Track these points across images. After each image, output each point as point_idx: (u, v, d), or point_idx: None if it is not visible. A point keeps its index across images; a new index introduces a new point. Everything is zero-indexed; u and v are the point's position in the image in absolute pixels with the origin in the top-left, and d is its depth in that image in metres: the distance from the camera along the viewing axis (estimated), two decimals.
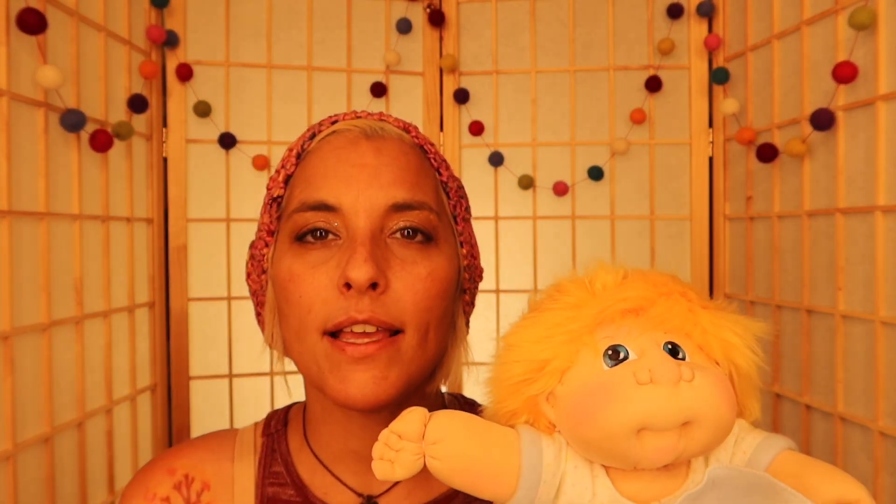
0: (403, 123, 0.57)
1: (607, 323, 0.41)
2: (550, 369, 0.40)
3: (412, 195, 0.52)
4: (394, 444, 0.40)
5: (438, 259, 0.53)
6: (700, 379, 0.37)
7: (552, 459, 0.40)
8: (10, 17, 0.88)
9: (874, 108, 0.97)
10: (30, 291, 0.93)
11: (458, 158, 1.47)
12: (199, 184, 1.35)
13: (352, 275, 0.47)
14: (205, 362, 1.35)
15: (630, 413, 0.36)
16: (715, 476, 0.36)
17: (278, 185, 0.55)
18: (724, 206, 1.38)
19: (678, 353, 0.39)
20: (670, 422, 0.36)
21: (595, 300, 0.42)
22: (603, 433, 0.37)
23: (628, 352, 0.39)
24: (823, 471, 0.37)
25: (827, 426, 1.08)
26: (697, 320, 0.41)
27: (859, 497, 0.36)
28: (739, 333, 0.41)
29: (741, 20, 1.30)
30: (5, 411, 0.86)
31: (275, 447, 0.59)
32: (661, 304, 0.41)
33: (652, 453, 0.37)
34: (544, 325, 0.41)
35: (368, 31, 1.43)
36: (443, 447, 0.39)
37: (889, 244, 0.95)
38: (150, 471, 0.58)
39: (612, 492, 0.39)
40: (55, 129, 0.98)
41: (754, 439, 0.40)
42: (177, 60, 1.31)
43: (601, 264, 0.44)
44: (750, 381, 0.42)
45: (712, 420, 0.37)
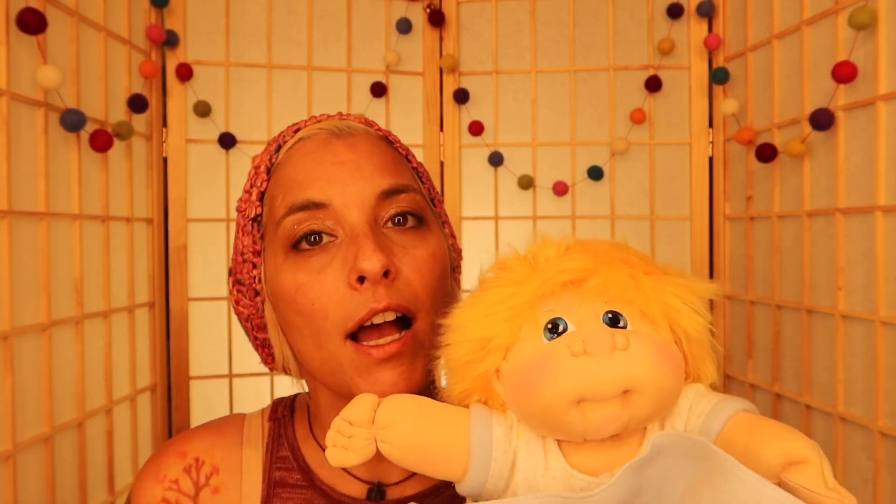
0: (364, 119, 0.58)
1: (548, 297, 0.41)
2: (494, 346, 0.40)
3: (396, 181, 0.53)
4: (345, 430, 0.41)
5: (433, 240, 0.54)
6: (636, 346, 0.36)
7: (503, 436, 0.40)
8: (10, 17, 0.88)
9: (874, 108, 0.97)
10: (30, 291, 0.93)
11: (458, 158, 1.47)
12: (199, 184, 1.35)
13: (364, 266, 0.47)
14: (205, 362, 1.35)
15: (565, 385, 0.36)
16: (659, 443, 0.36)
17: (253, 203, 0.55)
18: (724, 206, 1.38)
19: (619, 322, 0.39)
20: (607, 391, 0.36)
21: (536, 275, 0.41)
22: (543, 406, 0.37)
23: (567, 324, 0.39)
24: (771, 431, 0.36)
25: (827, 426, 1.08)
26: (639, 286, 0.40)
27: (806, 456, 0.34)
28: (683, 296, 0.41)
29: (741, 20, 1.30)
30: (5, 411, 0.86)
31: (281, 432, 0.59)
32: (602, 273, 0.40)
33: (596, 424, 0.37)
34: (487, 303, 0.41)
35: (368, 31, 1.43)
36: (392, 431, 0.40)
37: (889, 244, 0.95)
38: (163, 454, 0.58)
39: (564, 465, 0.39)
40: (55, 129, 0.98)
41: (708, 403, 0.39)
42: (177, 60, 1.31)
43: (545, 239, 0.44)
44: (701, 345, 0.41)
45: (652, 387, 0.36)
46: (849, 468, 1.03)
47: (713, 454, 0.35)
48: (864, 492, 1.00)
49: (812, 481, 0.33)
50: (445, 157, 1.46)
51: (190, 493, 0.56)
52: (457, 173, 1.47)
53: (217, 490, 0.56)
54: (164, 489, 0.56)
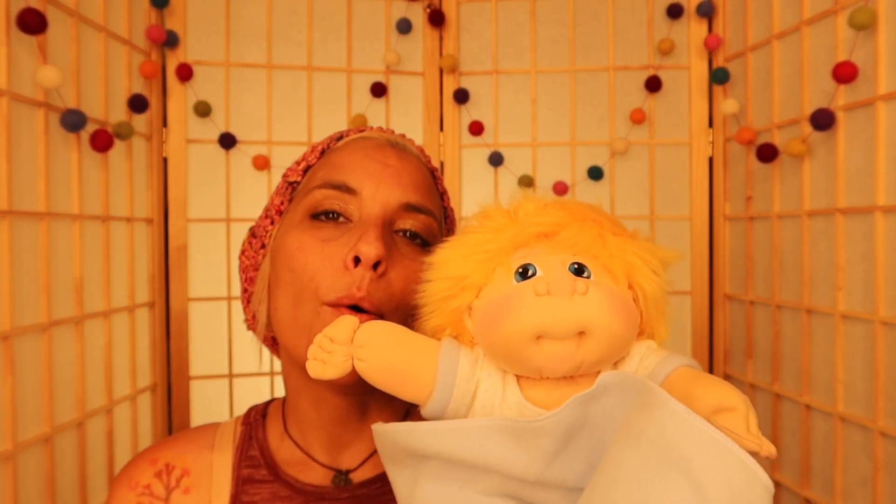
0: (419, 148, 0.63)
1: (523, 245, 0.44)
2: (468, 284, 0.44)
3: (424, 200, 0.57)
4: (326, 346, 0.45)
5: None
6: (594, 293, 0.40)
7: (468, 368, 0.44)
8: (10, 17, 0.88)
9: (874, 108, 0.97)
10: (30, 291, 0.93)
11: (458, 158, 1.47)
12: (199, 184, 1.35)
13: (363, 249, 0.51)
14: (205, 362, 1.35)
15: (526, 320, 0.40)
16: (605, 382, 0.39)
17: (297, 172, 0.60)
18: (724, 206, 1.38)
19: (583, 273, 0.42)
20: (564, 330, 0.39)
21: (514, 225, 0.45)
22: (505, 338, 0.41)
23: (536, 269, 0.42)
24: (708, 382, 0.39)
25: (827, 426, 1.08)
26: (605, 244, 0.44)
27: (735, 405, 0.37)
28: (643, 257, 0.44)
29: (741, 20, 1.30)
30: (5, 411, 0.86)
31: (252, 434, 0.63)
32: (573, 228, 0.44)
33: (551, 359, 0.40)
34: (467, 245, 0.45)
35: (368, 31, 1.43)
36: (368, 350, 0.44)
37: (889, 244, 0.95)
38: (135, 463, 0.62)
39: (519, 397, 0.43)
40: (55, 129, 0.99)
41: (656, 357, 0.43)
42: (177, 60, 1.31)
43: (526, 194, 0.48)
44: (656, 304, 0.45)
45: (605, 331, 0.40)
46: (848, 468, 1.03)
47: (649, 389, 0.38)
48: (864, 492, 1.00)
49: (736, 425, 0.36)
50: (445, 157, 1.46)
51: (161, 496, 0.59)
52: (457, 173, 1.47)
53: (188, 490, 0.60)
54: (138, 495, 0.60)
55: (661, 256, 0.45)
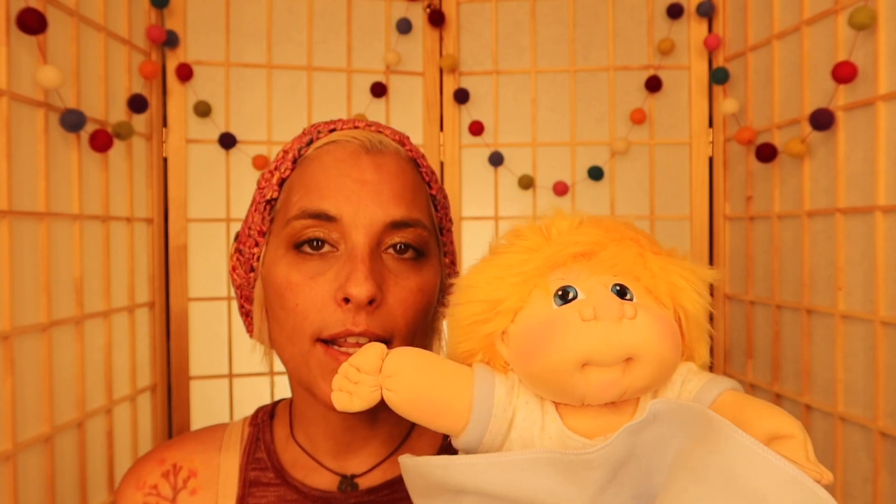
0: (399, 136, 0.59)
1: (560, 266, 0.42)
2: (503, 308, 0.42)
3: (409, 213, 0.54)
4: (352, 376, 0.42)
5: (427, 273, 0.56)
6: (643, 317, 0.38)
7: (504, 395, 0.41)
8: (10, 17, 0.88)
9: (874, 108, 0.97)
10: (30, 291, 0.93)
11: (458, 158, 1.47)
12: (199, 184, 1.35)
13: (353, 291, 0.49)
14: (205, 362, 1.35)
15: (573, 347, 0.37)
16: (656, 410, 0.37)
17: (272, 186, 0.56)
18: (724, 206, 1.38)
19: (626, 294, 0.40)
20: (612, 356, 0.37)
21: (549, 244, 0.43)
22: (549, 366, 0.38)
23: (577, 292, 0.40)
24: (761, 407, 0.38)
25: (827, 426, 1.08)
26: (646, 264, 0.42)
27: (793, 432, 0.36)
28: (687, 277, 0.42)
29: (741, 20, 1.30)
30: (5, 411, 0.86)
31: (259, 436, 0.62)
32: (612, 248, 0.42)
33: (596, 387, 0.38)
34: (499, 267, 0.43)
35: (368, 31, 1.43)
36: (398, 380, 0.41)
37: (889, 244, 0.95)
38: (142, 462, 0.62)
39: (560, 426, 0.40)
40: (55, 129, 0.98)
41: (700, 380, 0.41)
42: (177, 60, 1.31)
43: (558, 212, 0.46)
44: (698, 325, 0.43)
45: (654, 357, 0.38)
46: (849, 468, 1.03)
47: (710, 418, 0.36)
48: (864, 491, 1.00)
49: (796, 454, 0.34)
50: (445, 157, 1.46)
51: (168, 497, 0.59)
52: (457, 173, 1.47)
53: (195, 492, 0.59)
54: (145, 494, 0.59)
55: (701, 276, 0.43)
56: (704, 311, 0.43)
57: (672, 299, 0.42)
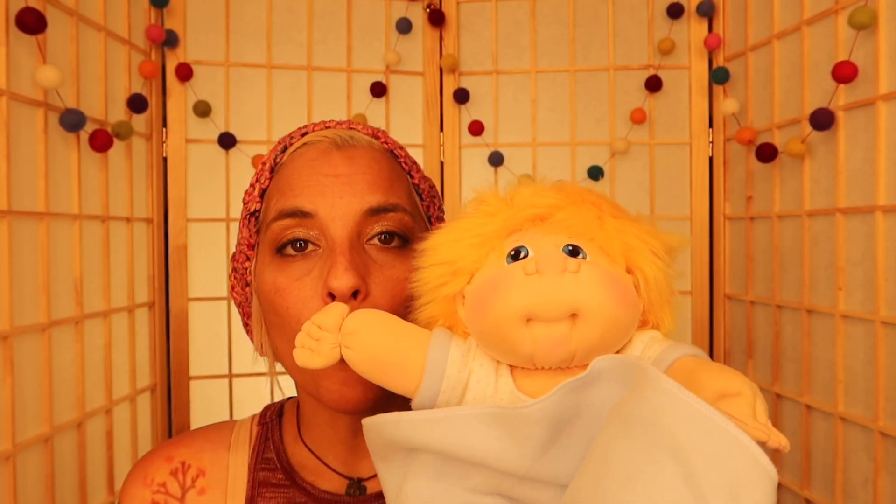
0: (373, 130, 0.59)
1: (517, 230, 0.43)
2: (459, 268, 0.42)
3: (386, 199, 0.54)
4: (314, 333, 0.43)
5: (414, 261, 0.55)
6: (587, 272, 0.38)
7: (459, 357, 0.42)
8: (9, 17, 0.88)
9: (874, 108, 0.97)
10: (30, 291, 0.93)
11: (458, 158, 1.47)
12: (199, 184, 1.35)
13: (334, 284, 0.49)
14: (205, 362, 1.35)
15: (514, 300, 0.38)
16: (600, 367, 0.37)
17: (254, 199, 0.57)
18: (724, 206, 1.38)
19: (578, 255, 0.40)
20: (554, 310, 0.37)
21: (509, 208, 0.44)
22: (494, 322, 0.39)
23: (528, 251, 0.40)
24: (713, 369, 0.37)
25: (827, 426, 1.08)
26: (603, 226, 0.42)
27: (740, 390, 0.35)
28: (644, 239, 0.42)
29: (741, 20, 1.30)
30: (5, 411, 0.86)
31: (268, 436, 0.62)
32: (569, 210, 0.42)
33: (542, 345, 0.38)
34: (459, 230, 0.44)
35: (368, 31, 1.43)
36: (357, 338, 0.42)
37: (889, 244, 0.95)
38: (150, 459, 0.61)
39: (511, 387, 0.41)
40: (55, 129, 0.98)
41: (661, 346, 0.41)
42: (177, 60, 1.31)
43: (523, 179, 0.46)
44: (659, 291, 0.42)
45: (599, 313, 0.38)
46: (849, 468, 1.03)
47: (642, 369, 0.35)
48: (864, 492, 1.00)
49: (741, 412, 0.34)
50: (445, 157, 1.46)
51: (177, 495, 0.58)
52: (457, 173, 1.47)
53: (203, 491, 0.58)
54: (153, 492, 0.58)
55: (664, 241, 0.43)
56: (665, 275, 0.42)
57: (628, 260, 0.41)
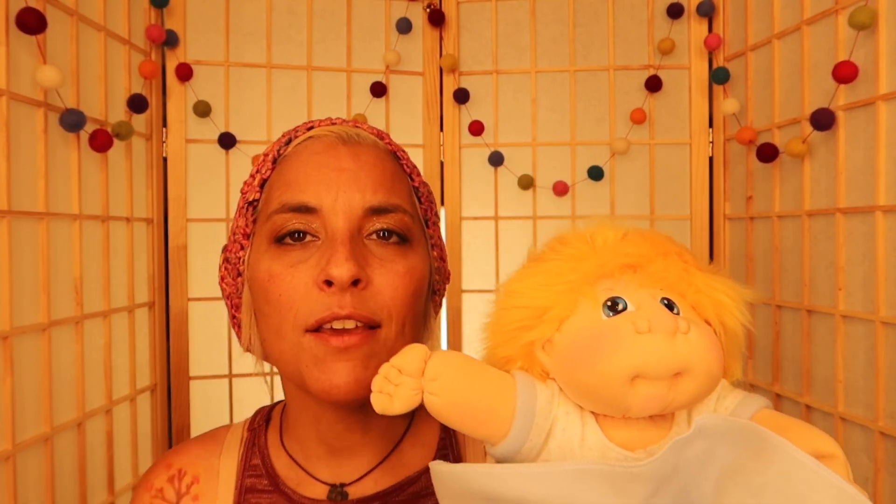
0: (377, 131, 0.60)
1: (606, 276, 0.42)
2: (549, 317, 0.41)
3: (388, 199, 0.54)
4: (394, 377, 0.41)
5: (414, 258, 0.55)
6: (695, 333, 0.38)
7: (545, 404, 0.41)
8: (9, 17, 0.88)
9: (874, 108, 0.97)
10: (30, 291, 0.93)
11: (458, 158, 1.47)
12: (199, 184, 1.35)
13: (334, 272, 0.49)
14: (205, 362, 1.35)
15: (628, 359, 0.37)
16: (702, 424, 0.37)
17: (254, 189, 0.57)
18: (724, 206, 1.38)
19: (673, 309, 0.41)
20: (665, 370, 0.37)
21: (595, 254, 0.43)
22: (599, 378, 0.38)
23: (627, 303, 0.40)
24: (801, 427, 0.39)
25: (827, 426, 1.08)
26: (692, 280, 0.43)
27: (834, 452, 0.37)
28: (731, 296, 0.43)
29: (741, 20, 1.30)
30: (5, 411, 0.86)
31: (255, 441, 0.62)
32: (659, 262, 0.43)
33: (643, 401, 0.38)
34: (546, 275, 0.43)
35: (368, 31, 1.43)
36: (441, 384, 0.40)
37: (889, 244, 0.95)
38: (154, 466, 0.63)
39: (600, 437, 0.40)
40: (55, 129, 0.98)
41: (735, 397, 0.42)
42: (177, 60, 1.31)
43: (602, 221, 0.46)
44: (736, 342, 0.44)
45: (703, 373, 0.38)
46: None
47: (763, 435, 0.36)
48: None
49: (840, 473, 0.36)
50: (445, 157, 1.46)
51: (172, 501, 0.60)
52: (457, 173, 1.47)
53: (196, 498, 0.60)
54: (151, 497, 0.61)
55: (742, 294, 0.44)
56: (743, 328, 0.43)
57: (715, 316, 0.42)
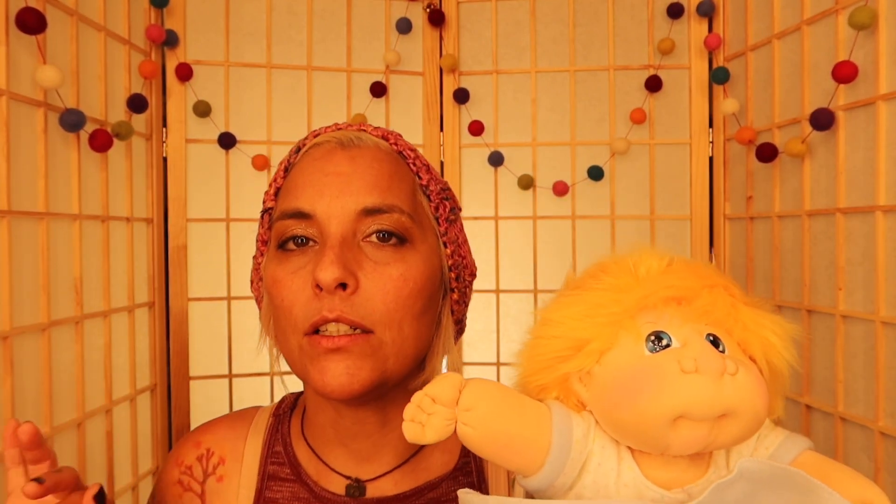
0: (383, 132, 0.60)
1: (650, 309, 0.41)
2: (590, 349, 0.40)
3: (383, 199, 0.54)
4: (427, 407, 0.40)
5: (413, 260, 0.55)
6: (743, 374, 0.37)
7: (581, 437, 0.40)
8: (9, 17, 0.88)
9: (874, 108, 0.97)
10: (30, 291, 0.93)
11: (458, 158, 1.47)
12: (199, 184, 1.35)
13: (319, 276, 0.50)
14: (205, 362, 1.35)
15: (672, 400, 0.36)
16: (744, 468, 0.36)
17: (269, 197, 0.60)
18: (724, 206, 1.38)
19: (719, 346, 0.39)
20: (710, 412, 0.36)
21: (639, 285, 0.41)
22: (641, 417, 0.37)
23: (671, 339, 0.39)
24: (845, 473, 0.39)
25: (827, 426, 1.08)
26: (739, 316, 0.41)
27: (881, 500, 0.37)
28: (779, 334, 0.41)
29: (741, 20, 1.30)
30: (5, 411, 0.86)
31: (279, 428, 0.64)
32: (706, 296, 0.41)
33: (684, 441, 0.37)
34: (586, 305, 0.41)
35: (368, 31, 1.43)
36: (476, 415, 0.39)
37: (889, 244, 0.95)
38: (185, 442, 0.66)
39: (637, 474, 0.39)
40: (55, 129, 0.98)
41: (776, 437, 0.41)
42: (177, 60, 1.31)
43: (646, 249, 0.44)
44: (781, 381, 0.42)
45: (749, 415, 0.37)
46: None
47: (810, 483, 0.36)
48: None
49: None
50: (445, 157, 1.46)
51: (199, 479, 0.63)
52: (457, 173, 1.47)
53: (221, 479, 0.62)
54: (181, 472, 0.63)
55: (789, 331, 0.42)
56: (789, 368, 0.42)
57: (763, 355, 0.41)
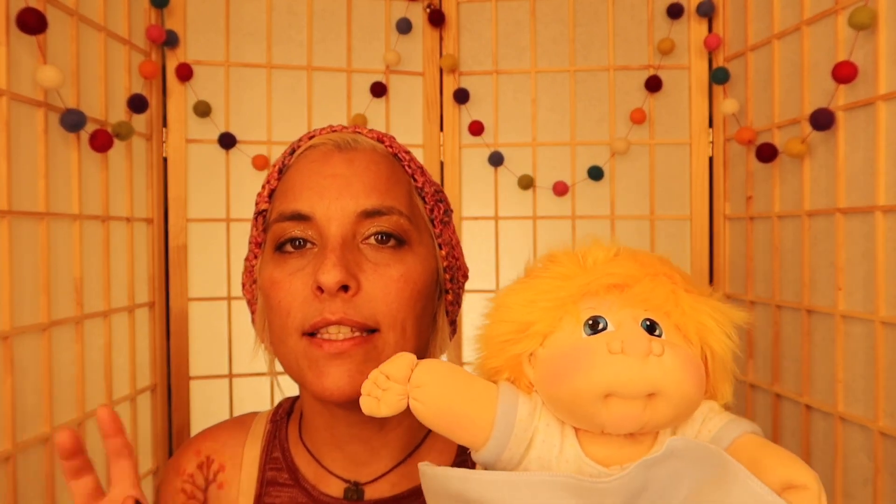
0: (378, 135, 0.60)
1: (592, 295, 0.43)
2: (533, 331, 0.43)
3: (382, 201, 0.55)
4: (381, 383, 0.43)
5: (411, 261, 0.55)
6: (669, 356, 0.39)
7: (526, 415, 0.42)
8: (10, 17, 0.88)
9: (874, 108, 0.97)
10: (30, 291, 0.93)
11: (458, 158, 1.47)
12: (199, 184, 1.35)
13: (321, 278, 0.50)
14: (205, 362, 1.35)
15: (598, 378, 0.38)
16: (673, 446, 0.38)
17: (263, 199, 0.60)
18: (724, 206, 1.38)
19: (655, 330, 0.41)
20: (635, 391, 0.38)
21: (583, 273, 0.44)
22: (572, 394, 0.39)
23: (607, 323, 0.41)
24: (778, 454, 0.39)
25: (827, 426, 1.08)
26: (678, 301, 0.43)
27: (807, 482, 0.37)
28: (717, 319, 0.43)
29: (741, 20, 1.30)
30: (5, 411, 0.86)
31: (276, 433, 0.64)
32: (646, 282, 0.43)
33: (617, 419, 0.39)
34: (533, 291, 0.44)
35: (368, 31, 1.43)
36: (426, 391, 0.42)
37: (889, 244, 0.95)
38: (184, 451, 0.66)
39: (578, 452, 0.41)
40: (55, 129, 0.98)
41: (721, 420, 0.42)
42: (177, 60, 1.31)
43: (595, 241, 0.46)
44: (723, 366, 0.44)
45: (676, 395, 0.39)
46: (849, 468, 1.03)
47: (726, 462, 0.37)
48: (864, 492, 1.00)
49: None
50: (445, 157, 1.46)
51: (201, 487, 0.63)
52: (457, 173, 1.47)
53: (221, 486, 0.62)
54: (183, 481, 0.63)
55: (731, 317, 0.44)
56: (730, 352, 0.43)
57: (700, 339, 0.43)
